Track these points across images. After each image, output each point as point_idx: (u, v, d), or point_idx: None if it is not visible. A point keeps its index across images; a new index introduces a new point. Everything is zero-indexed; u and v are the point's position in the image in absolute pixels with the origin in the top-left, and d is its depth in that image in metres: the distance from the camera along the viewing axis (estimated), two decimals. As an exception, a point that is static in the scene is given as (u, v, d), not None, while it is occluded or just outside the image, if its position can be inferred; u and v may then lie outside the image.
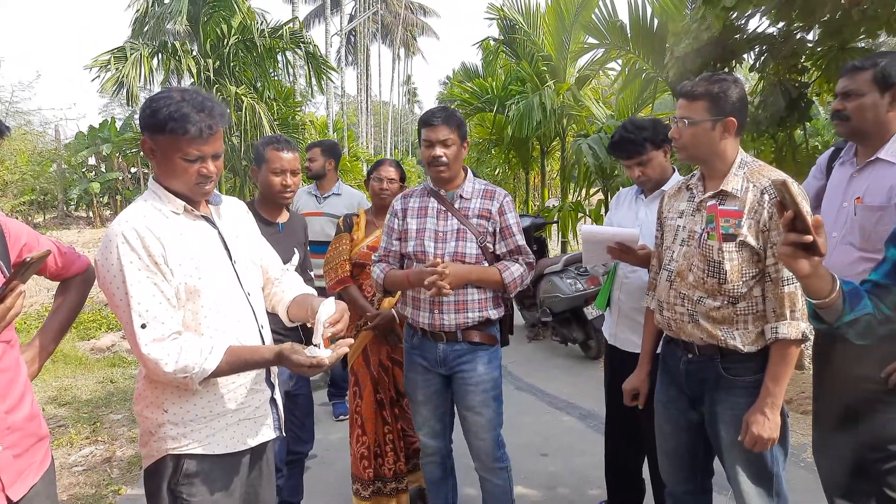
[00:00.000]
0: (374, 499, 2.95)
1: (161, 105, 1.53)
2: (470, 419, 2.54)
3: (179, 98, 1.55)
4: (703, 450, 2.18)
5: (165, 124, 1.52)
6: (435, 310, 2.47)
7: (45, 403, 4.79)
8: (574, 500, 3.15)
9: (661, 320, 2.15)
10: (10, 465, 1.46)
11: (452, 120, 2.46)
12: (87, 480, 3.52)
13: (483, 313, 2.46)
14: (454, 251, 2.45)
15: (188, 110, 1.53)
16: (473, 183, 2.56)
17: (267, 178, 2.61)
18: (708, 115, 1.93)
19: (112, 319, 7.55)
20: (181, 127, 1.52)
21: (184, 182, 1.61)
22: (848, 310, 1.46)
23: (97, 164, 25.71)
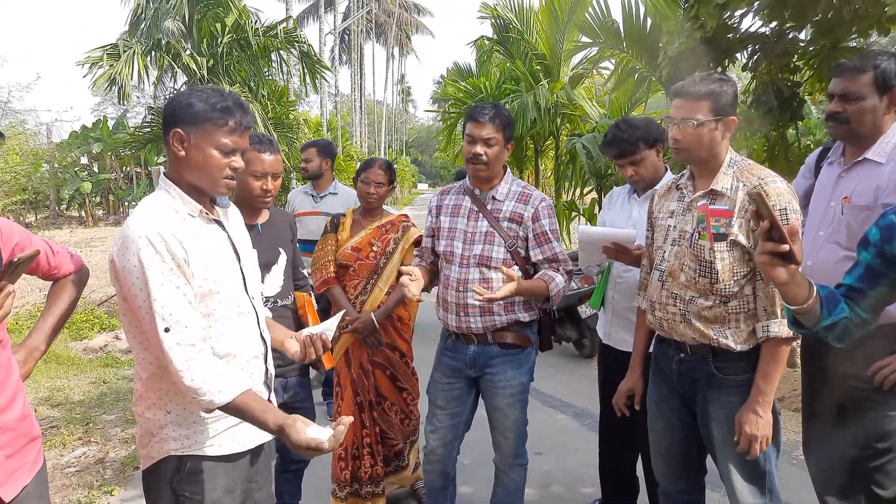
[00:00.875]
0: (351, 500, 2.96)
1: (199, 98, 1.57)
2: (496, 418, 2.55)
3: (218, 94, 1.60)
4: (696, 448, 2.19)
5: (206, 115, 1.56)
6: (461, 313, 2.46)
7: (37, 404, 4.77)
8: (568, 498, 3.16)
9: (653, 320, 2.16)
10: (3, 465, 1.46)
11: (500, 118, 2.40)
12: (79, 482, 3.51)
13: (512, 316, 2.45)
14: (480, 254, 2.43)
15: (230, 104, 1.58)
16: (511, 184, 2.51)
17: (246, 181, 2.35)
18: (712, 116, 1.93)
19: (105, 319, 7.51)
20: (222, 118, 1.56)
21: (211, 176, 1.61)
22: (826, 314, 1.49)
23: (89, 164, 25.59)
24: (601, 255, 2.54)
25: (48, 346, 1.74)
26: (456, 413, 2.60)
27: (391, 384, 3.00)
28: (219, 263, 1.64)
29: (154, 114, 8.81)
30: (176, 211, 1.61)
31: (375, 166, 3.02)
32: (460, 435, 2.66)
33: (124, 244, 1.52)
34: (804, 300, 1.46)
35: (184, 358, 1.50)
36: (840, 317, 1.50)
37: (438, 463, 2.64)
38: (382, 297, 2.96)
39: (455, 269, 2.48)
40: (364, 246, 2.98)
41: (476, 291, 2.25)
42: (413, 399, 3.07)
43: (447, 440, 2.62)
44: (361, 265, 2.97)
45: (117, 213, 25.96)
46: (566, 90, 8.37)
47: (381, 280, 2.97)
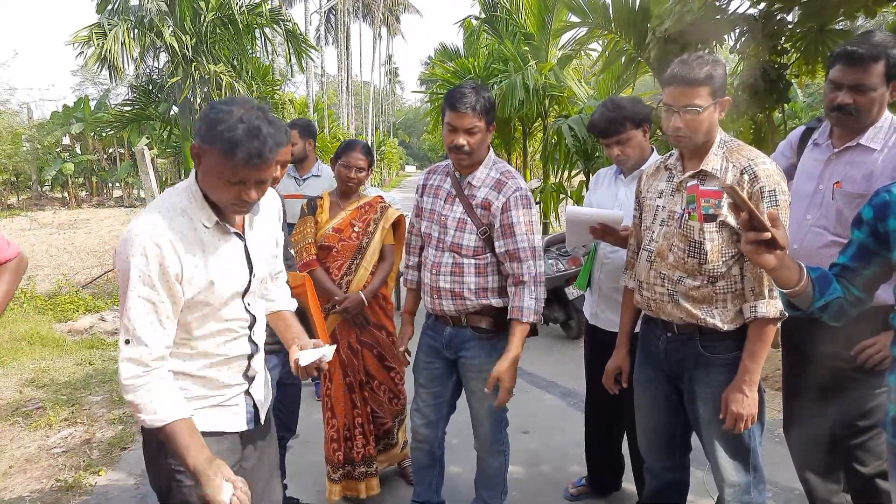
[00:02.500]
0: (345, 482, 2.97)
1: (218, 119, 1.48)
2: (473, 403, 2.55)
3: (238, 118, 1.48)
4: (682, 426, 2.23)
5: (214, 141, 1.48)
6: (434, 295, 2.46)
7: (22, 385, 4.74)
8: (555, 476, 3.20)
9: (641, 300, 2.17)
10: None
11: (480, 105, 2.29)
12: (66, 462, 3.49)
13: (483, 301, 2.42)
14: (451, 241, 2.41)
15: (240, 135, 1.46)
16: (490, 169, 2.42)
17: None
18: (711, 100, 1.91)
19: (90, 301, 7.45)
20: (228, 151, 1.47)
21: (220, 199, 1.58)
22: (818, 295, 1.51)
23: (71, 145, 25.18)
24: (588, 236, 2.54)
25: None
26: (437, 393, 2.60)
27: (379, 364, 3.01)
28: (220, 276, 1.62)
29: (137, 92, 8.66)
30: (190, 218, 1.58)
31: (357, 150, 2.96)
32: (444, 415, 2.66)
33: (125, 241, 1.51)
34: (795, 283, 1.48)
35: (131, 374, 1.52)
36: (833, 297, 1.51)
37: (424, 442, 2.66)
38: (367, 277, 2.96)
39: (431, 251, 2.49)
40: (346, 227, 2.97)
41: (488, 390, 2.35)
42: (400, 378, 3.08)
43: (430, 420, 2.63)
44: (345, 246, 2.96)
45: (101, 195, 25.62)
46: (555, 71, 8.34)
47: (364, 260, 2.97)
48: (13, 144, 19.78)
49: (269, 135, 1.48)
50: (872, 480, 2.16)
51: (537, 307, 2.36)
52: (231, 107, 1.50)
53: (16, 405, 4.33)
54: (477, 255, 2.40)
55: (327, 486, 2.98)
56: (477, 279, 2.41)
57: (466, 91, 2.31)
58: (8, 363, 5.30)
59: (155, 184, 6.81)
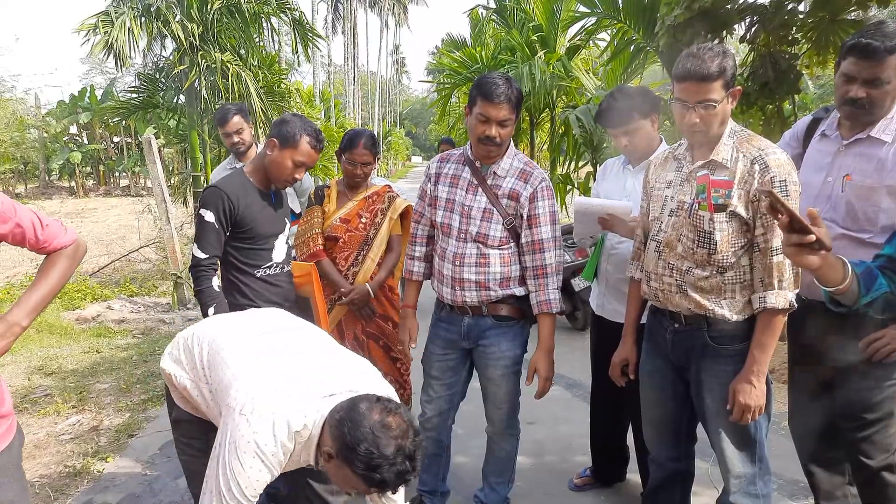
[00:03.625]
0: None
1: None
2: (489, 389, 2.56)
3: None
4: (687, 417, 2.22)
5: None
6: (457, 286, 2.44)
7: (30, 373, 4.77)
8: (560, 466, 3.20)
9: (648, 291, 2.16)
10: None
11: (514, 96, 2.27)
12: (74, 449, 3.52)
13: (507, 291, 2.43)
14: (478, 231, 2.40)
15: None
16: (513, 160, 2.42)
17: (285, 162, 2.47)
18: (724, 92, 1.88)
19: (97, 290, 7.48)
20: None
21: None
22: (864, 291, 1.48)
23: (78, 134, 25.23)
24: (596, 227, 2.53)
25: (31, 322, 1.66)
26: (451, 383, 2.61)
27: (385, 355, 3.00)
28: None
29: (144, 81, 8.66)
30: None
31: (360, 146, 2.89)
32: (455, 405, 2.67)
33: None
34: (840, 281, 1.45)
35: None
36: (879, 292, 1.49)
37: (433, 431, 2.66)
38: (374, 268, 2.95)
39: (452, 242, 2.46)
40: (353, 217, 2.95)
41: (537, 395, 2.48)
42: (406, 369, 3.08)
43: (442, 409, 2.64)
44: (352, 237, 2.94)
45: (108, 184, 25.68)
46: (563, 61, 8.28)
47: (371, 251, 2.95)
48: (20, 132, 19.84)
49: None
50: (879, 473, 2.15)
51: (559, 296, 2.43)
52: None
53: (24, 392, 4.37)
54: (502, 245, 2.40)
55: None
56: (502, 269, 2.41)
57: (500, 82, 2.27)
58: (17, 351, 5.33)
59: (161, 173, 6.81)
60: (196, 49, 8.16)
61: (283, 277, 2.63)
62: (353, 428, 1.49)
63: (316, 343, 1.90)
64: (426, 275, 2.67)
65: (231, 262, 2.53)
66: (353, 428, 1.49)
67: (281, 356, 1.77)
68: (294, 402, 1.60)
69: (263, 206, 2.53)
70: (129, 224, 10.88)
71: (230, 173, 2.67)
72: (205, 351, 1.83)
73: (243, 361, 1.73)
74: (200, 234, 2.45)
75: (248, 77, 8.22)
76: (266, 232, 2.54)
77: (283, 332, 1.93)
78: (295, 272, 2.73)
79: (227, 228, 2.45)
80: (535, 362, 2.44)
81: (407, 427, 1.52)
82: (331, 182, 3.09)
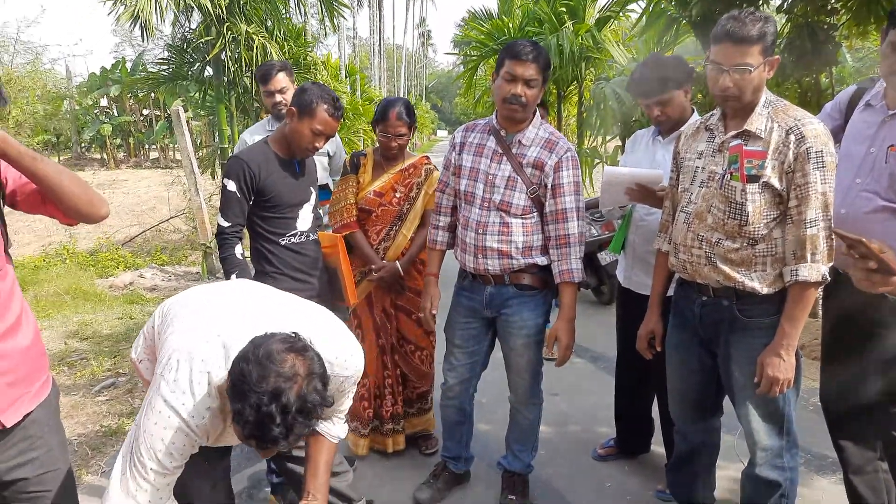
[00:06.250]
0: (372, 436, 3.04)
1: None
2: (512, 358, 2.57)
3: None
4: (714, 390, 2.22)
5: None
6: (479, 255, 2.45)
7: (66, 337, 4.92)
8: (583, 437, 3.22)
9: (676, 263, 2.15)
10: (4, 392, 1.50)
11: (542, 59, 2.29)
12: (109, 410, 3.64)
13: (529, 260, 2.44)
14: (501, 199, 2.40)
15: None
16: (538, 129, 2.42)
17: (303, 131, 2.47)
18: (761, 59, 1.84)
19: (129, 259, 7.65)
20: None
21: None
22: None
23: (109, 106, 25.55)
24: (624, 197, 2.51)
25: (14, 152, 1.41)
26: (473, 352, 2.64)
27: (417, 327, 2.98)
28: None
29: (172, 52, 8.71)
30: None
31: (393, 117, 2.80)
32: (477, 373, 2.70)
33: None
34: None
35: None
36: None
37: (455, 399, 2.70)
38: (406, 244, 2.93)
39: (475, 210, 2.46)
40: (387, 191, 2.91)
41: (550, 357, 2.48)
42: (435, 339, 3.09)
43: (464, 377, 2.66)
44: (385, 211, 2.91)
45: (138, 156, 26.05)
46: (592, 32, 8.11)
47: (404, 226, 2.92)
48: (53, 104, 20.15)
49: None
50: (911, 448, 2.12)
51: (582, 266, 2.44)
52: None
53: (61, 356, 4.51)
54: (525, 214, 2.40)
55: (352, 441, 3.04)
56: (524, 238, 2.41)
57: (528, 43, 2.31)
58: (53, 316, 5.50)
59: (190, 144, 6.89)
60: (222, 20, 8.17)
61: (308, 246, 2.65)
62: (244, 355, 1.35)
63: (278, 305, 1.72)
64: (449, 244, 2.68)
65: (257, 231, 2.57)
66: (244, 355, 1.35)
67: (223, 316, 1.60)
68: (220, 357, 1.46)
69: (286, 176, 2.56)
70: (158, 195, 11.06)
71: (254, 144, 2.69)
72: (157, 323, 1.75)
73: (182, 324, 1.59)
74: (224, 203, 2.50)
75: (273, 49, 8.21)
76: (290, 201, 2.57)
77: (242, 296, 1.77)
78: (322, 242, 2.75)
79: (250, 197, 2.49)
80: (556, 331, 2.46)
81: (301, 374, 1.33)
82: (367, 150, 3.03)
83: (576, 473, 2.90)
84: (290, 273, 2.58)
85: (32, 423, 1.60)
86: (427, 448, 3.12)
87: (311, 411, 1.34)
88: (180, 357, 1.46)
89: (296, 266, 2.60)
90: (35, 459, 1.61)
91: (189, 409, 1.43)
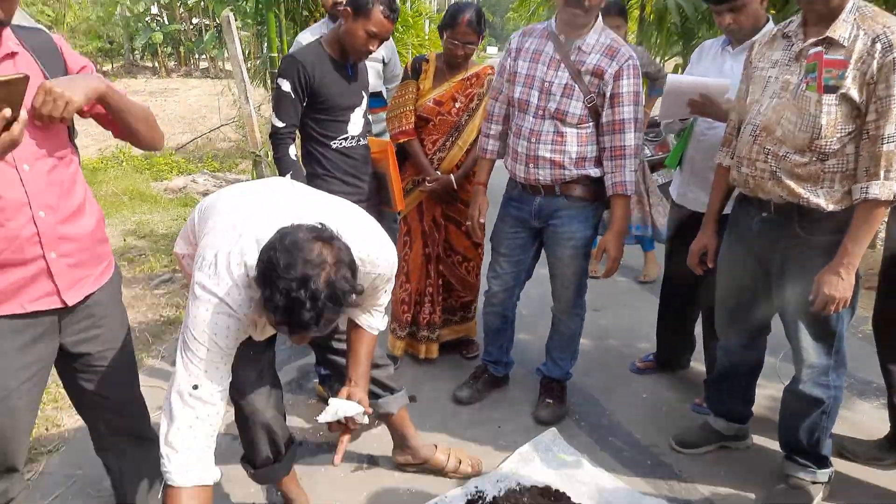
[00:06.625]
0: (408, 340, 3.12)
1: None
2: (557, 268, 2.58)
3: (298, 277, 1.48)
4: (763, 308, 2.19)
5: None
6: (531, 164, 2.42)
7: (125, 235, 5.14)
8: (622, 351, 3.26)
9: (738, 177, 2.08)
10: (66, 272, 1.57)
11: None
12: (168, 302, 3.84)
13: (582, 171, 2.40)
14: (556, 108, 2.34)
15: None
16: (599, 34, 2.33)
17: (359, 32, 2.44)
18: None
19: (182, 164, 7.82)
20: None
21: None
22: None
23: (159, 13, 25.43)
24: (685, 109, 2.41)
25: (89, 98, 1.46)
26: (518, 261, 2.65)
27: (466, 239, 2.99)
28: None
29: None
30: None
31: (463, 24, 2.68)
32: (521, 281, 2.72)
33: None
34: None
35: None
36: None
37: (498, 305, 2.74)
38: (461, 156, 2.89)
39: (529, 119, 2.41)
40: (447, 100, 2.84)
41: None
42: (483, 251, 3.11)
43: (508, 285, 2.69)
44: (442, 121, 2.86)
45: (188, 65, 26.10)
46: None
47: (460, 138, 2.87)
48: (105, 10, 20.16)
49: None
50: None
51: (635, 179, 2.39)
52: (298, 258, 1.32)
53: (121, 251, 4.72)
54: (581, 123, 2.35)
55: (390, 341, 3.14)
56: (578, 149, 2.37)
57: None
58: (112, 215, 5.73)
59: (240, 50, 6.83)
60: (274, -80, 7.89)
61: (358, 150, 2.65)
62: (272, 243, 1.35)
63: (311, 203, 1.72)
64: (500, 153, 2.64)
65: (309, 133, 2.58)
66: (272, 243, 1.35)
67: (256, 213, 1.60)
68: (254, 251, 1.46)
69: (339, 79, 2.53)
70: (208, 104, 11.12)
71: (308, 44, 2.65)
72: (196, 221, 1.76)
73: (217, 222, 1.61)
74: (278, 104, 2.50)
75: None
76: (342, 104, 2.55)
77: (276, 194, 1.76)
78: (372, 147, 2.75)
79: (304, 98, 2.48)
80: (606, 243, 2.45)
81: (329, 262, 1.33)
82: (429, 55, 2.94)
83: (613, 384, 2.95)
84: (340, 176, 2.61)
85: (96, 305, 1.69)
86: (468, 353, 3.20)
87: (341, 298, 1.35)
88: (217, 251, 1.50)
89: (346, 169, 2.62)
90: (98, 337, 1.72)
91: (228, 293, 1.47)
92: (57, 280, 1.55)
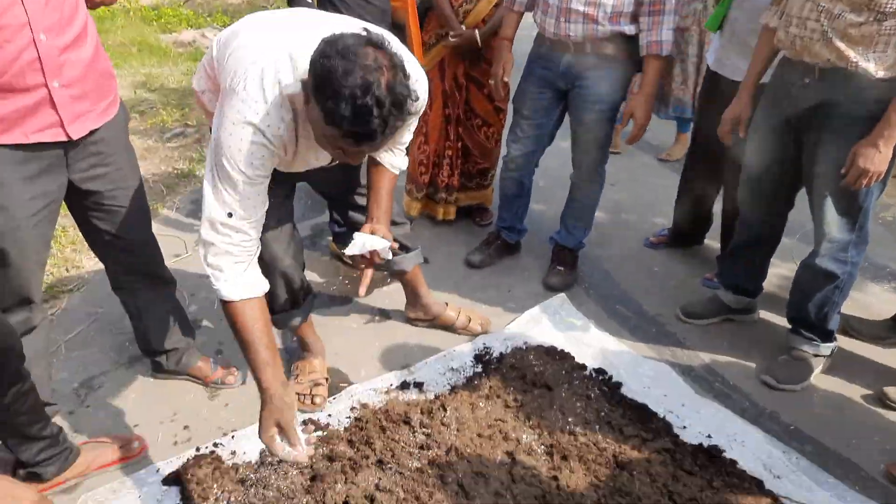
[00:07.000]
0: (424, 201, 3.10)
1: (341, 90, 1.27)
2: (580, 133, 2.50)
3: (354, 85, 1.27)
4: (790, 180, 2.13)
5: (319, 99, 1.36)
6: (562, 17, 2.27)
7: (135, 87, 5.01)
8: (637, 226, 3.22)
9: (785, 38, 1.93)
10: (68, 103, 1.54)
11: None
12: (181, 155, 3.80)
13: (616, 27, 2.25)
14: None
15: (348, 114, 1.30)
16: None
17: None
18: None
19: (192, 17, 7.47)
20: (331, 122, 1.34)
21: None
22: None
23: None
24: None
25: None
26: (541, 124, 2.56)
27: (489, 103, 2.88)
28: None
29: None
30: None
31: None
32: (541, 147, 2.65)
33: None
34: None
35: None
36: None
37: (516, 171, 2.68)
38: (489, 10, 2.70)
39: None
40: None
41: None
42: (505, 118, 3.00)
43: (528, 150, 2.62)
44: None
45: None
46: None
47: None
48: None
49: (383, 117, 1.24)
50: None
51: (673, 39, 2.27)
52: (353, 74, 1.20)
53: (131, 104, 4.61)
54: None
55: (406, 202, 3.13)
56: (614, 2, 2.22)
57: None
58: (120, 65, 5.55)
59: None
60: None
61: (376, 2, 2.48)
62: (323, 52, 1.27)
63: (342, 18, 1.64)
64: (529, 6, 2.47)
65: None
66: (323, 52, 1.27)
67: (285, 29, 1.53)
68: (287, 65, 1.40)
69: None
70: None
71: None
72: (215, 52, 1.64)
73: (243, 40, 1.51)
74: None
75: None
76: None
77: (302, 14, 1.68)
78: None
79: None
80: (634, 107, 2.35)
81: (386, 66, 1.26)
82: None
83: (625, 256, 2.96)
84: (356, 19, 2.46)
85: (101, 141, 1.67)
86: (482, 220, 3.19)
87: (403, 103, 1.27)
88: (248, 68, 1.41)
89: (362, 15, 2.47)
90: (105, 175, 1.71)
91: (263, 116, 1.39)
92: (60, 111, 1.53)
